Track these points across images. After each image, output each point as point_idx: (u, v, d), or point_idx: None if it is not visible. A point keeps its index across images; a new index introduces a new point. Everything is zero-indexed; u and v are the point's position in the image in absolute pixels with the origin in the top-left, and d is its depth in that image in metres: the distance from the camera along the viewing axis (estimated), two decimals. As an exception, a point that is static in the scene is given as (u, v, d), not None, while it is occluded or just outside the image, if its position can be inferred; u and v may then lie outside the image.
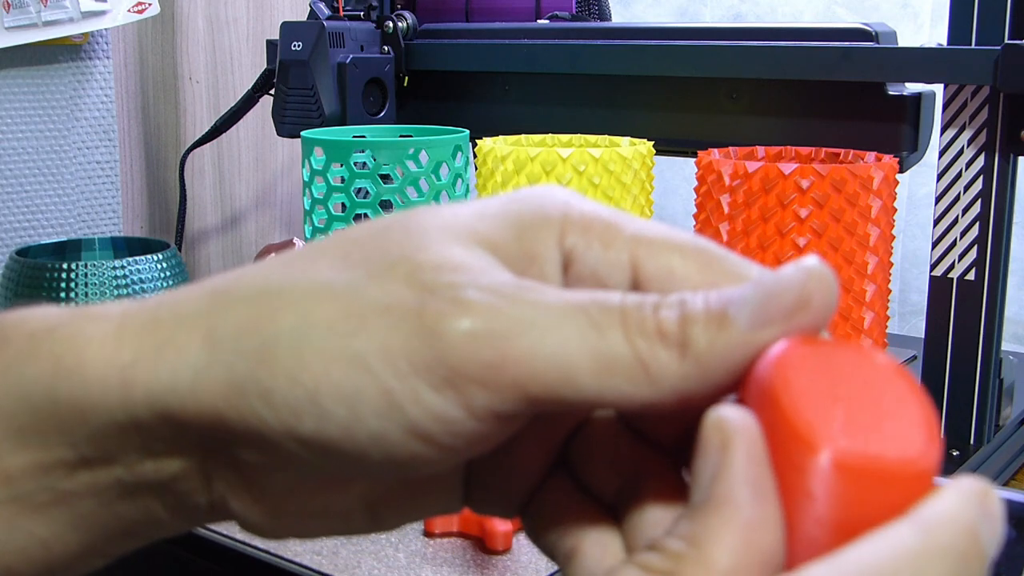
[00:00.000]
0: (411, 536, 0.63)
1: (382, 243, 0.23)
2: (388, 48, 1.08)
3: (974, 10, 0.73)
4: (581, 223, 0.24)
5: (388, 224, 0.24)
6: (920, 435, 0.20)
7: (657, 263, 0.24)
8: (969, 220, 0.75)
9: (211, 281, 0.24)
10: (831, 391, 0.21)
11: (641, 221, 0.25)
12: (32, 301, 0.74)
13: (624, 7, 1.59)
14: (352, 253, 0.23)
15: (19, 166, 1.08)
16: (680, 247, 0.24)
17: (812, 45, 0.85)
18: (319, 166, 0.92)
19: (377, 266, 0.23)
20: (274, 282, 0.23)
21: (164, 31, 1.22)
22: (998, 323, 0.76)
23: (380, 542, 0.63)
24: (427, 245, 0.23)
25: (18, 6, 1.03)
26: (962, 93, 0.74)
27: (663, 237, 0.24)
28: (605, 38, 0.98)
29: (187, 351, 0.23)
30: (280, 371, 0.22)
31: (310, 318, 0.22)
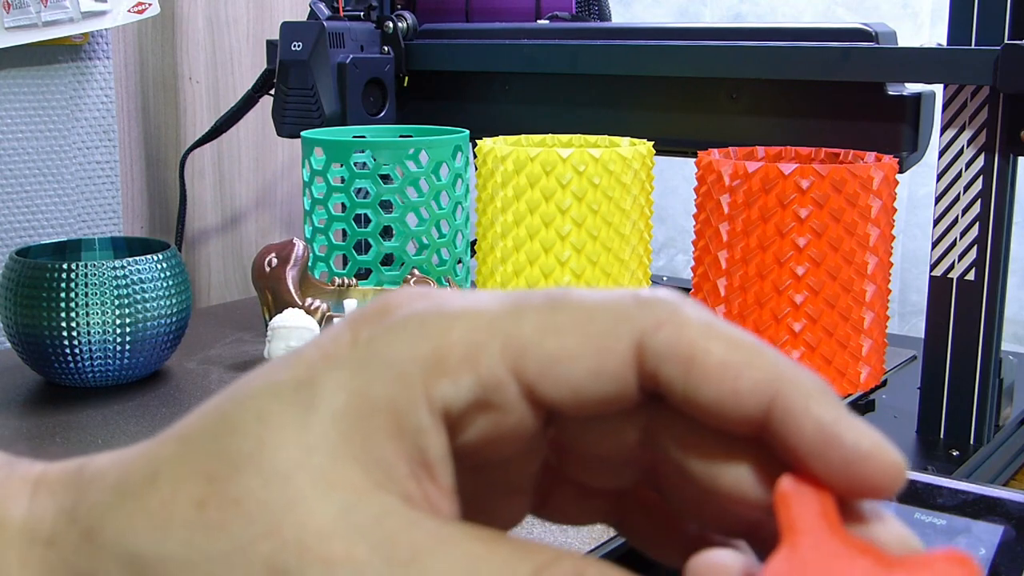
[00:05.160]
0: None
1: (235, 498, 0.21)
2: (388, 48, 1.08)
3: (974, 10, 0.73)
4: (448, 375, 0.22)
5: (237, 445, 0.22)
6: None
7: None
8: (969, 220, 0.75)
9: (86, 507, 0.23)
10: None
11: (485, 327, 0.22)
12: (32, 301, 0.75)
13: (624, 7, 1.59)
14: (207, 506, 0.21)
15: (19, 166, 1.08)
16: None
17: (812, 45, 0.85)
18: (319, 166, 0.92)
19: (237, 538, 0.21)
20: (143, 547, 0.22)
21: (164, 31, 1.22)
22: (998, 323, 0.76)
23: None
24: (288, 510, 0.21)
25: (18, 6, 1.03)
26: (962, 93, 0.74)
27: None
28: (605, 38, 0.98)
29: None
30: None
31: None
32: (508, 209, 0.82)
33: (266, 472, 0.21)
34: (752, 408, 0.21)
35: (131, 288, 0.77)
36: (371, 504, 0.21)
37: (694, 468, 0.23)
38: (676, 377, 0.21)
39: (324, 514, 0.21)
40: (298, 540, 0.21)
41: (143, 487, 0.22)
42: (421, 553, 0.20)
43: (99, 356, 0.76)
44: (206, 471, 0.22)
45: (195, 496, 0.22)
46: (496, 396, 0.22)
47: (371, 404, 0.21)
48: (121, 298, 0.76)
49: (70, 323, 0.75)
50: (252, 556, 0.21)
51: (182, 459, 0.22)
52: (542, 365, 0.21)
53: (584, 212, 0.80)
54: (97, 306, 0.76)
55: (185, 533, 0.21)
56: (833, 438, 0.21)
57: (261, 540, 0.21)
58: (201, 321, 0.98)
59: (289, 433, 0.21)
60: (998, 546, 0.47)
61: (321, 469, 0.21)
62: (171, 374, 0.83)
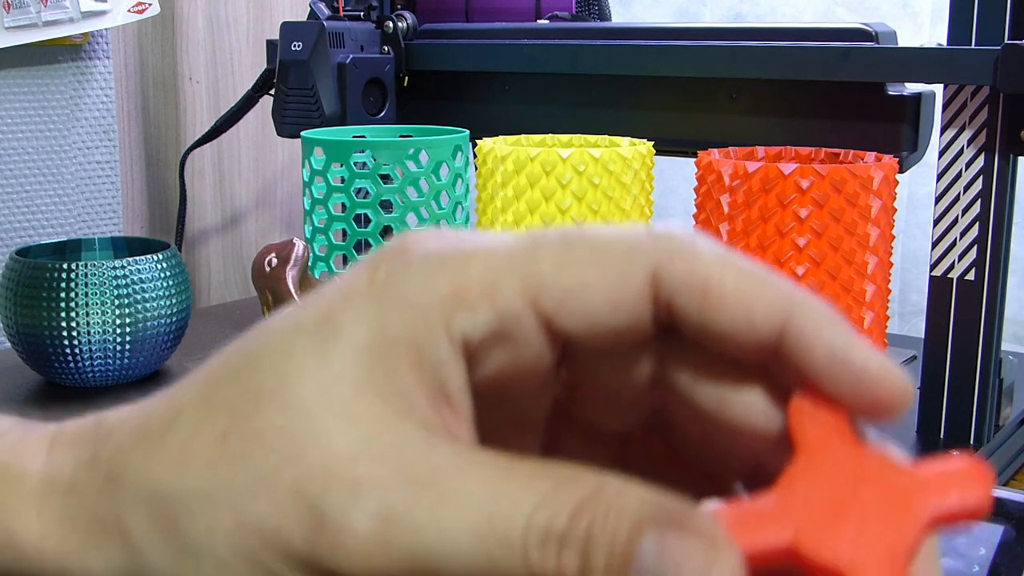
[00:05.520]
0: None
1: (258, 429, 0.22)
2: (388, 48, 1.08)
3: (974, 10, 0.73)
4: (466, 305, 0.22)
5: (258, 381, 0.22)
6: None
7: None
8: (969, 220, 0.75)
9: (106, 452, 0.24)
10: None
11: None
12: (32, 301, 0.75)
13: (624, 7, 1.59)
14: (228, 439, 0.22)
15: (19, 166, 1.08)
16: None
17: (812, 45, 0.85)
18: (319, 166, 0.92)
19: (260, 467, 0.21)
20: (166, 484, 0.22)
21: (164, 31, 1.22)
22: (998, 323, 0.76)
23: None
24: (312, 438, 0.21)
25: (18, 6, 1.03)
26: (962, 93, 0.74)
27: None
28: (605, 38, 0.98)
29: (109, 553, 0.23)
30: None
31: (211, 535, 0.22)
32: (508, 209, 0.82)
33: (288, 405, 0.21)
34: (765, 334, 0.22)
35: (131, 288, 0.77)
36: (392, 432, 0.21)
37: (703, 400, 0.24)
38: (691, 306, 0.22)
39: (346, 442, 0.21)
40: (322, 465, 0.21)
41: (165, 428, 0.23)
42: (442, 475, 0.21)
43: (99, 356, 0.76)
44: (228, 406, 0.22)
45: (217, 430, 0.22)
46: (514, 329, 0.22)
47: (391, 338, 0.22)
48: (121, 298, 0.76)
49: (70, 323, 0.75)
50: (275, 484, 0.21)
51: (204, 398, 0.23)
52: (559, 298, 0.22)
53: (584, 212, 0.80)
54: (97, 306, 0.76)
55: (207, 467, 0.22)
56: (844, 360, 0.22)
57: (284, 468, 0.21)
58: (201, 321, 0.98)
59: (310, 368, 0.22)
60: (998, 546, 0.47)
61: (342, 401, 0.21)
62: (171, 374, 0.83)
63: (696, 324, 0.22)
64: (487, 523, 0.20)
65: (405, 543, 0.20)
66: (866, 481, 0.21)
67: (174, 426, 0.23)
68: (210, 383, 0.23)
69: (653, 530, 0.20)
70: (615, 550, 0.20)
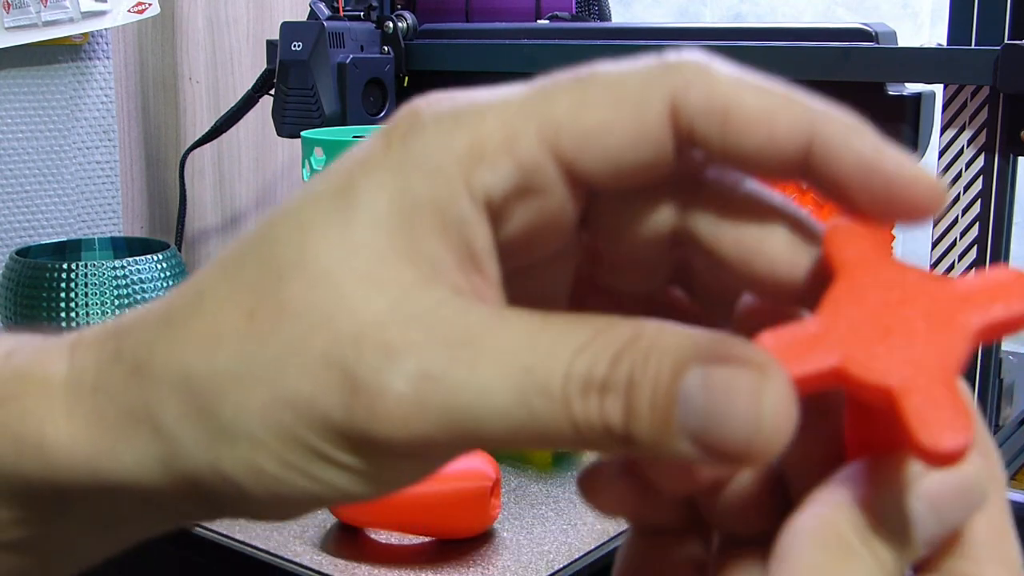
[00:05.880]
0: (411, 537, 0.63)
1: (284, 301, 0.21)
2: (388, 48, 1.08)
3: (974, 10, 0.73)
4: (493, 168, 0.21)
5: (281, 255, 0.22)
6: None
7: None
8: (969, 220, 0.75)
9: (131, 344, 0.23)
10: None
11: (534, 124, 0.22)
12: (32, 301, 0.75)
13: (624, 7, 1.59)
14: (256, 316, 0.21)
15: (19, 166, 1.08)
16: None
17: (812, 45, 0.85)
18: (319, 166, 0.92)
19: (289, 340, 0.21)
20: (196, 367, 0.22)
21: (164, 31, 1.22)
22: (998, 323, 0.76)
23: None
24: (339, 302, 0.21)
25: (18, 6, 1.03)
26: (962, 93, 0.74)
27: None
28: (605, 38, 0.98)
29: (141, 444, 0.22)
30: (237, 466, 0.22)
31: (245, 414, 0.21)
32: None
33: (312, 276, 0.21)
34: (791, 151, 0.21)
35: (131, 288, 0.77)
36: (421, 295, 0.21)
37: (727, 251, 0.23)
38: (713, 131, 0.21)
39: (375, 308, 0.21)
40: (352, 332, 0.20)
41: (189, 313, 0.22)
42: (476, 333, 0.20)
43: (99, 356, 0.77)
44: (251, 284, 0.22)
45: (242, 308, 0.21)
46: (536, 179, 0.21)
47: (412, 201, 0.21)
48: (121, 298, 0.76)
49: (70, 323, 0.75)
50: (306, 354, 0.21)
51: (226, 278, 0.22)
52: (579, 140, 0.21)
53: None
54: (97, 306, 0.76)
55: (236, 346, 0.21)
56: (875, 167, 0.21)
57: (313, 337, 0.21)
58: (201, 321, 0.98)
59: (332, 237, 0.21)
60: (998, 546, 0.47)
61: (367, 267, 0.21)
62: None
63: (720, 148, 0.21)
64: (526, 375, 0.20)
65: (443, 403, 0.20)
66: (908, 299, 0.21)
67: (198, 310, 0.22)
68: (230, 264, 0.22)
69: (696, 366, 0.19)
70: (659, 391, 0.19)
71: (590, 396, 0.20)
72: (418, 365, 0.20)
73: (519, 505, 0.67)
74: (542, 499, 0.68)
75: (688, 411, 0.19)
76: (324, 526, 0.63)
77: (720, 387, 0.19)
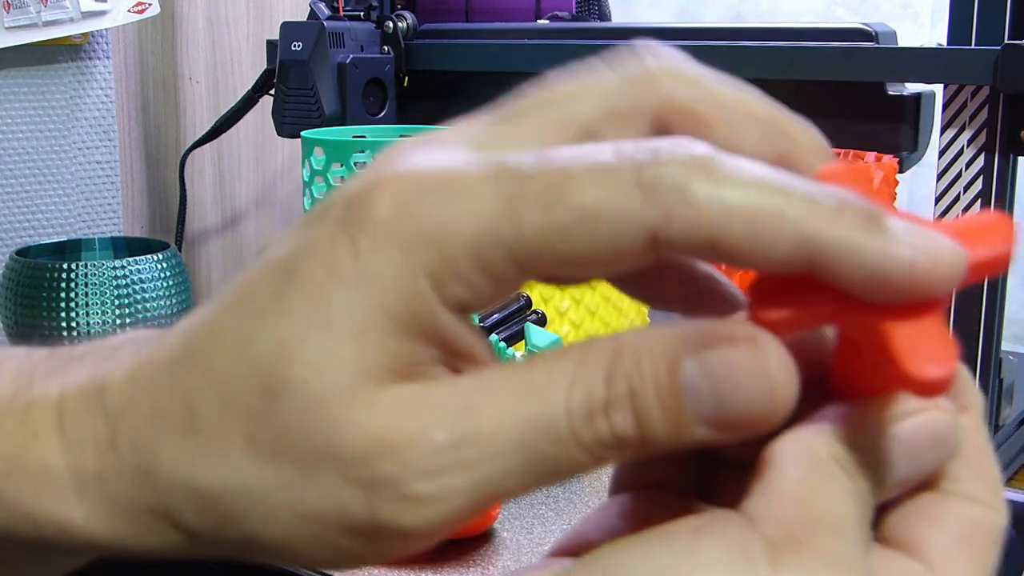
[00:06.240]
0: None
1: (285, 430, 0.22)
2: (388, 48, 1.08)
3: (974, 10, 0.73)
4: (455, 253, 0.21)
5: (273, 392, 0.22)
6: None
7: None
8: (969, 220, 0.75)
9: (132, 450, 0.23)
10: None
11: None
12: (32, 301, 0.75)
13: (624, 7, 1.59)
14: (256, 440, 0.22)
15: (19, 166, 1.08)
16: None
17: (812, 45, 0.85)
18: (319, 166, 0.92)
19: (298, 467, 0.21)
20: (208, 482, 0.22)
21: (164, 31, 1.22)
22: (998, 323, 0.76)
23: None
24: (337, 428, 0.21)
25: (18, 6, 1.03)
26: (962, 93, 0.74)
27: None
28: (605, 38, 0.98)
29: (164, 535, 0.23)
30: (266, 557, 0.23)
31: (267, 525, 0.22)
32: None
33: (303, 401, 0.21)
34: (792, 268, 0.20)
35: (131, 288, 0.77)
36: (413, 393, 0.21)
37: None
38: (703, 255, 0.21)
39: (372, 422, 0.21)
40: (359, 451, 0.21)
41: (184, 424, 0.22)
42: (471, 406, 0.21)
43: (99, 356, 0.77)
44: (244, 407, 0.22)
45: (241, 433, 0.22)
46: (507, 287, 0.22)
47: (390, 317, 0.21)
48: (121, 298, 0.76)
49: (70, 323, 0.75)
50: (320, 479, 0.21)
51: (216, 395, 0.22)
52: (550, 264, 0.21)
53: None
54: (97, 306, 0.76)
55: (245, 466, 0.22)
56: (883, 279, 0.20)
57: (323, 464, 0.21)
58: (201, 321, 0.98)
59: (315, 358, 0.21)
60: (998, 546, 0.47)
61: (355, 384, 0.21)
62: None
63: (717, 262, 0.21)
64: (530, 427, 0.21)
65: (462, 486, 0.21)
66: None
67: (195, 426, 0.22)
68: (217, 375, 0.22)
69: (689, 357, 0.20)
70: (662, 391, 0.20)
71: (596, 421, 0.20)
72: (428, 461, 0.21)
73: (519, 505, 0.67)
74: (542, 499, 0.68)
75: (697, 400, 0.20)
76: (324, 526, 0.63)
77: (721, 369, 0.20)
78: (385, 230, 0.21)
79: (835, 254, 0.20)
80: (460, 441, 0.21)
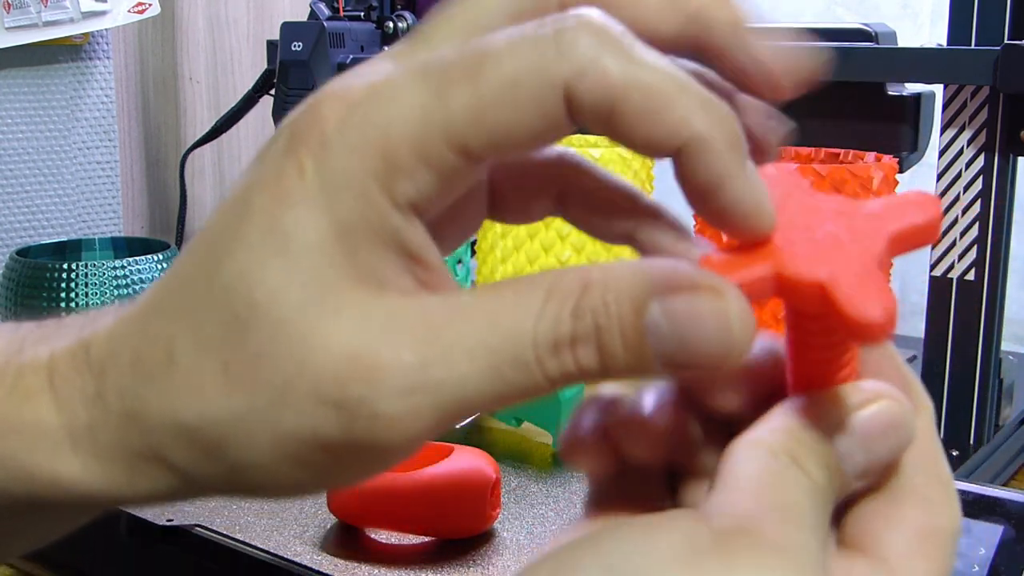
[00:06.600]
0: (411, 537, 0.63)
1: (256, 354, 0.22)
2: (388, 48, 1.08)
3: (974, 10, 0.73)
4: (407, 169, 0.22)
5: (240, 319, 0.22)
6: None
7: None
8: (969, 220, 0.75)
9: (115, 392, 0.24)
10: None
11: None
12: (32, 301, 0.75)
13: (624, 7, 1.59)
14: (231, 367, 0.22)
15: (19, 166, 1.08)
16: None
17: (812, 45, 0.85)
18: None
19: (272, 388, 0.22)
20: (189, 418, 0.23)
21: (164, 31, 1.22)
22: (998, 323, 0.76)
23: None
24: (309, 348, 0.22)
25: (18, 6, 1.03)
26: (962, 93, 0.74)
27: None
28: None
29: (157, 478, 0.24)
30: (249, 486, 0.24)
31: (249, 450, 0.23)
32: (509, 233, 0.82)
33: (270, 325, 0.22)
34: (669, 149, 0.22)
35: (131, 288, 0.77)
36: (377, 311, 0.22)
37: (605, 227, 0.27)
38: (600, 120, 0.22)
39: (340, 339, 0.22)
40: (329, 370, 0.22)
41: (163, 366, 0.23)
42: (439, 329, 0.22)
43: (99, 356, 0.77)
44: (216, 338, 0.23)
45: (216, 363, 0.23)
46: (450, 176, 0.22)
47: (343, 228, 0.22)
48: (121, 298, 0.76)
49: (70, 323, 0.75)
50: (293, 399, 0.22)
51: (189, 330, 0.23)
52: (483, 139, 0.22)
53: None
54: (97, 306, 0.76)
55: (222, 396, 0.23)
56: (734, 182, 0.22)
57: (295, 383, 0.22)
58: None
59: (276, 282, 0.22)
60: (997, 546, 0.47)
61: (320, 301, 0.22)
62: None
63: (605, 134, 0.23)
64: (497, 355, 0.21)
65: (432, 404, 0.22)
66: (830, 219, 0.23)
67: (172, 364, 0.23)
68: (187, 311, 0.23)
69: (654, 300, 0.21)
70: (627, 331, 0.21)
71: (562, 353, 0.21)
72: (398, 381, 0.22)
73: (519, 505, 0.67)
74: (542, 499, 0.68)
75: (659, 340, 0.21)
76: (324, 526, 0.63)
77: (684, 314, 0.21)
78: (327, 144, 0.22)
79: (705, 148, 0.22)
80: (429, 362, 0.22)
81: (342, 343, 0.22)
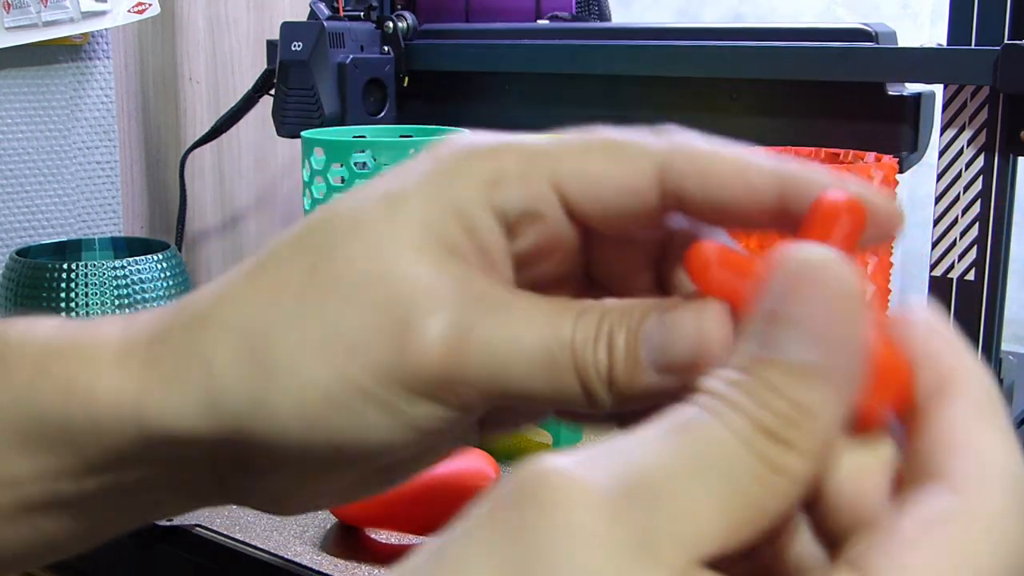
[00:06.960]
0: (411, 537, 0.63)
1: (345, 259, 0.25)
2: (388, 48, 1.08)
3: (974, 10, 0.73)
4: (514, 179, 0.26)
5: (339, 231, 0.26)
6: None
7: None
8: (969, 220, 0.75)
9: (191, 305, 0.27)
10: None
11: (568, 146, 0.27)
12: (32, 301, 0.75)
13: (624, 7, 1.59)
14: (318, 269, 0.25)
15: (19, 166, 1.08)
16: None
17: (812, 45, 0.85)
18: (319, 166, 0.92)
19: (348, 290, 0.25)
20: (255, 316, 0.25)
21: (164, 31, 1.22)
22: (998, 323, 0.76)
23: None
24: (392, 262, 0.25)
25: (18, 6, 1.03)
26: (962, 93, 0.74)
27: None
28: (605, 38, 0.98)
29: (191, 385, 0.25)
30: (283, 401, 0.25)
31: (298, 351, 0.25)
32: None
33: (366, 243, 0.25)
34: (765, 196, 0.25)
35: (131, 288, 0.77)
36: (454, 269, 0.25)
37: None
38: (695, 186, 0.25)
39: (421, 273, 0.25)
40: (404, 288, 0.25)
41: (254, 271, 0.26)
42: (502, 301, 0.25)
43: (99, 356, 0.77)
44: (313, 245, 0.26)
45: (305, 263, 0.25)
46: (541, 207, 0.26)
47: (445, 206, 0.26)
48: (121, 298, 0.76)
49: (70, 323, 0.75)
50: (363, 302, 0.25)
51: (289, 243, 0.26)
52: (580, 184, 0.26)
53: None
54: (97, 306, 0.76)
55: (298, 294, 0.25)
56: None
57: (370, 289, 0.25)
58: (201, 321, 0.98)
59: (382, 223, 0.26)
60: (998, 546, 0.47)
61: (412, 246, 0.25)
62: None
63: (702, 200, 0.25)
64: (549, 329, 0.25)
65: (478, 348, 0.24)
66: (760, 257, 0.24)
67: (262, 269, 0.26)
68: (292, 235, 0.26)
69: (655, 313, 0.24)
70: (629, 336, 0.24)
71: (587, 347, 0.24)
72: (459, 317, 0.25)
73: (519, 505, 0.67)
74: (542, 499, 0.68)
75: (648, 347, 0.24)
76: (324, 526, 0.63)
77: (669, 323, 0.24)
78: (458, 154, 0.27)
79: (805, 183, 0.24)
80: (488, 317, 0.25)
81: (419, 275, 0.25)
